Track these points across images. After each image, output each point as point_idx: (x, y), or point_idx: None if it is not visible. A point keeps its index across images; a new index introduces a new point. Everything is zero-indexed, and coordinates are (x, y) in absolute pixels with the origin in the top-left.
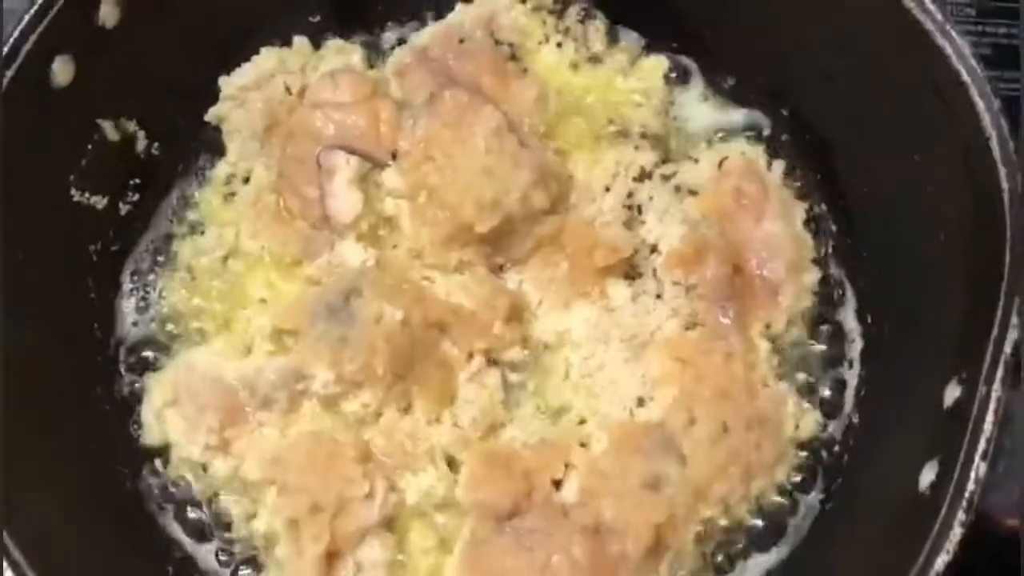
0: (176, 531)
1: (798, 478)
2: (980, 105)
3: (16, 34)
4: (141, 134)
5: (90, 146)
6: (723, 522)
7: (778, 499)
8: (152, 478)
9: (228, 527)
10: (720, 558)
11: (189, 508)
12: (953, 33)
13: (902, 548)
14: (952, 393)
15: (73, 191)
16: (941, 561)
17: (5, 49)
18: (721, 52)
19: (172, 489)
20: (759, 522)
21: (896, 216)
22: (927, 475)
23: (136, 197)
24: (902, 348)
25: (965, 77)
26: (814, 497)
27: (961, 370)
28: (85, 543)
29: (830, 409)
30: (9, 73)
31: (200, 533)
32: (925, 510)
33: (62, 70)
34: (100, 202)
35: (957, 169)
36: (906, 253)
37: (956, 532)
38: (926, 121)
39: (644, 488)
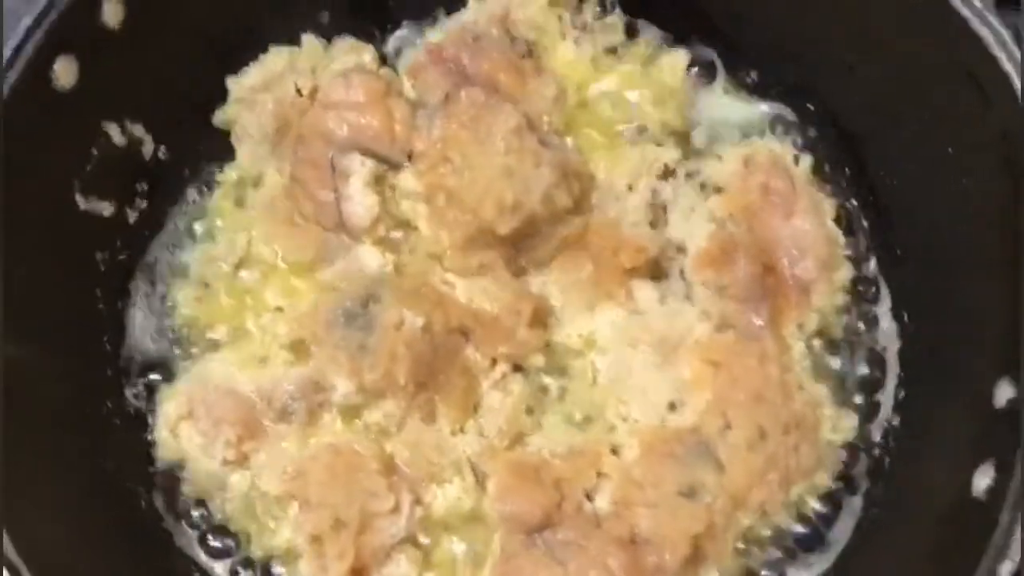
0: (194, 549)
1: (838, 484)
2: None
3: (19, 34)
4: (148, 138)
5: (95, 151)
6: (763, 531)
7: (818, 506)
8: (167, 495)
9: (247, 544)
10: (761, 570)
11: (206, 525)
12: (992, 20)
13: (959, 555)
14: (1004, 393)
15: (79, 198)
16: (1006, 569)
17: (7, 51)
18: (743, 45)
19: (188, 506)
20: (800, 531)
21: (930, 210)
22: (982, 479)
23: (144, 204)
24: (943, 346)
25: (1006, 65)
26: (856, 503)
27: (1012, 368)
28: (99, 565)
29: (868, 411)
30: (12, 75)
31: (218, 551)
32: (982, 515)
33: (65, 71)
34: (107, 209)
35: (994, 159)
36: (942, 248)
37: (1019, 538)
38: (960, 110)
39: (680, 496)
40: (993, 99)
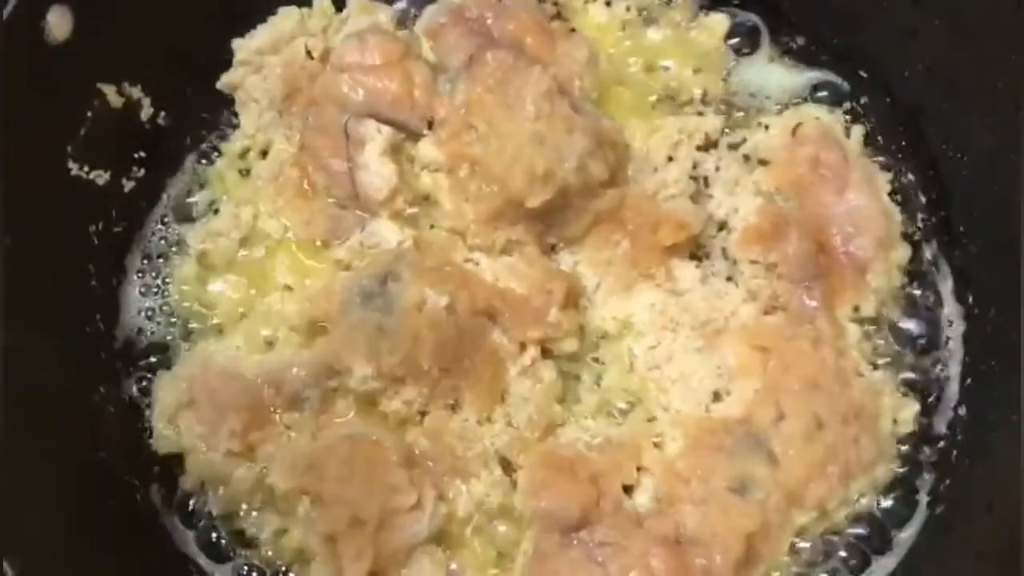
0: (193, 549)
1: (901, 480)
2: None
3: None
4: (146, 101)
5: (90, 113)
6: (821, 530)
7: (880, 503)
8: (165, 490)
9: (253, 544)
10: (820, 573)
11: (208, 523)
12: None
13: None
14: None
15: (71, 164)
16: None
17: None
18: (789, 8)
19: (188, 502)
20: (861, 530)
21: (995, 183)
22: None
23: (141, 172)
24: (1013, 331)
25: None
26: (921, 500)
27: None
28: (91, 563)
29: (931, 400)
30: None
31: (220, 551)
32: None
33: (59, 23)
34: (101, 177)
35: None
36: (1012, 224)
37: None
38: None
39: (730, 492)
40: None
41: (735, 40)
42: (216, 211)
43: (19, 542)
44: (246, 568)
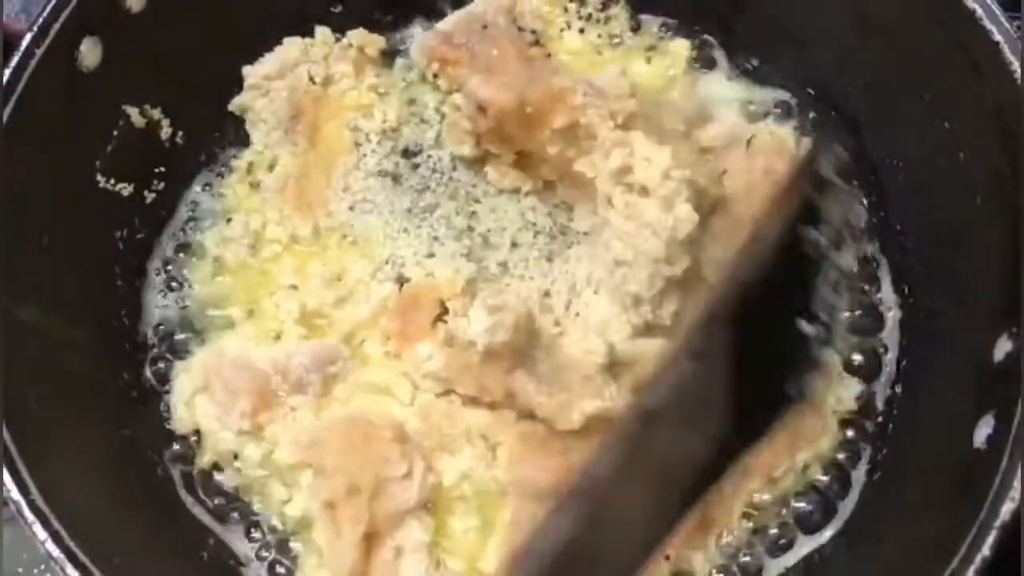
0: (208, 518)
1: (843, 451)
2: (1014, 64)
3: (46, 12)
4: (166, 122)
5: (116, 132)
6: (770, 497)
7: (824, 474)
8: (183, 465)
9: (261, 514)
10: (770, 536)
11: (221, 495)
12: None
13: (962, 503)
14: (1003, 348)
15: (99, 177)
16: (1007, 509)
17: (35, 27)
18: (744, 34)
19: (203, 476)
20: (807, 498)
21: (929, 186)
22: (983, 430)
23: (161, 185)
24: (943, 316)
25: (997, 36)
26: (861, 468)
27: (1010, 326)
28: (120, 529)
29: (871, 381)
30: (39, 50)
31: (233, 521)
32: (984, 463)
33: (90, 52)
34: (126, 189)
35: (991, 132)
36: (941, 221)
37: (1020, 478)
38: (955, 87)
39: None
40: (986, 73)
41: (696, 62)
42: (228, 220)
43: (59, 503)
44: (257, 534)
